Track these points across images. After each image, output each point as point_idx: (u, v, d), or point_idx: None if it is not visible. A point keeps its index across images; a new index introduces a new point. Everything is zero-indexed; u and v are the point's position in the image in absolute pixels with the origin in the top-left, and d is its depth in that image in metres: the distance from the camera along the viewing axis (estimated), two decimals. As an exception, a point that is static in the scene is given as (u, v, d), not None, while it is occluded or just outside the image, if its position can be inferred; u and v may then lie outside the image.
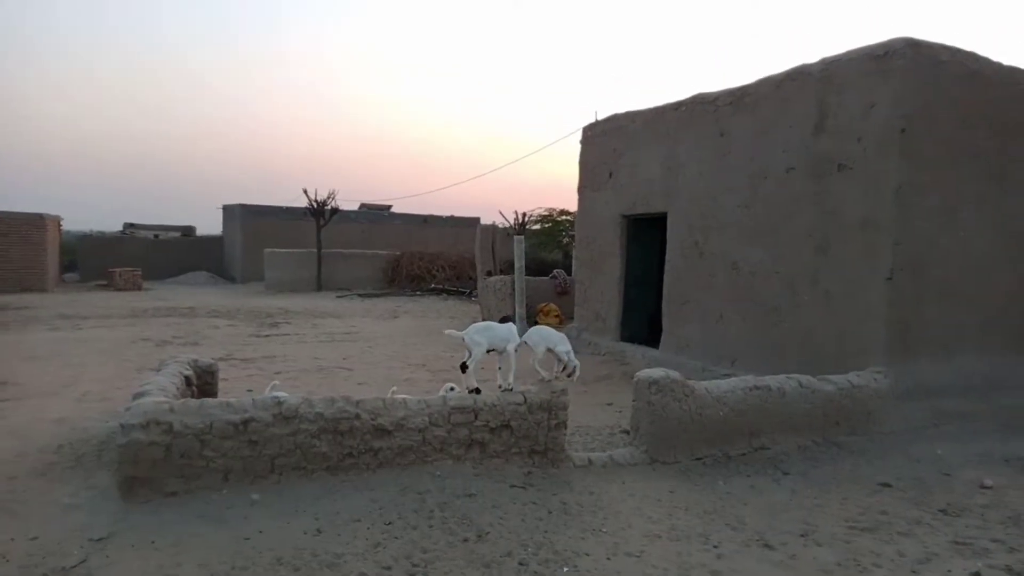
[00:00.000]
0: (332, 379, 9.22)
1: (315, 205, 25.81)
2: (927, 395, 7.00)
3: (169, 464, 4.26)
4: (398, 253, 26.97)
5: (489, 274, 16.98)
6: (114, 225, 36.26)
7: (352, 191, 53.21)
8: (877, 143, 7.03)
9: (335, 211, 26.45)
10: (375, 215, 33.59)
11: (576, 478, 5.13)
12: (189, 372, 5.82)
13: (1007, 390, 7.29)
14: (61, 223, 27.25)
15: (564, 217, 26.98)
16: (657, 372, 5.65)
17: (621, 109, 11.23)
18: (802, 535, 4.35)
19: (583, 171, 12.22)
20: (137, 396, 4.81)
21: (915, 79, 6.87)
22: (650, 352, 10.26)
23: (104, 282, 25.28)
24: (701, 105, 9.43)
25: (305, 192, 25.83)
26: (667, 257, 10.03)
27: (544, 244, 23.57)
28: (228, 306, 18.83)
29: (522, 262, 14.92)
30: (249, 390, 8.18)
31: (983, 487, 5.36)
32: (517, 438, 5.09)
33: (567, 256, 25.36)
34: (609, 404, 8.06)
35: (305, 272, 25.25)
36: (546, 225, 25.88)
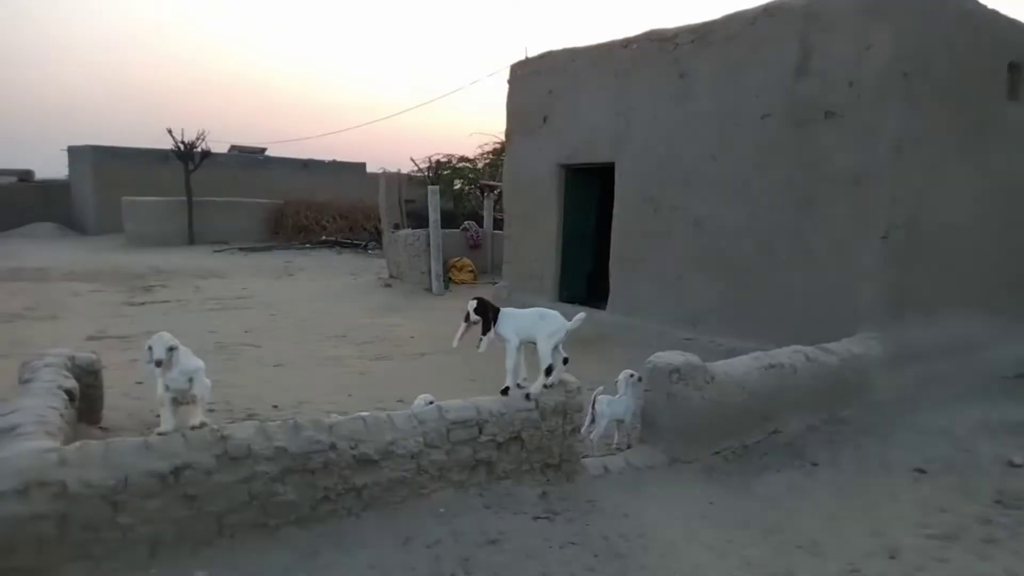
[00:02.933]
0: (239, 361, 7.73)
1: (182, 147, 22.79)
2: (914, 359, 6.62)
3: (66, 543, 2.89)
4: (282, 202, 24.56)
5: (397, 227, 15.53)
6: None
7: (221, 133, 48.26)
8: (873, 89, 6.39)
9: (206, 154, 23.52)
10: (248, 159, 30.52)
11: (599, 494, 4.21)
12: (70, 383, 4.29)
13: (981, 349, 7.10)
14: None
15: (464, 164, 25.70)
16: (676, 357, 4.78)
17: (549, 46, 10.11)
18: (891, 557, 3.69)
19: (512, 115, 11.02)
20: (1, 433, 3.32)
21: (918, 18, 6.25)
22: (596, 314, 9.43)
23: (-80, 237, 21.28)
24: (657, 43, 8.48)
25: (170, 132, 22.73)
26: (615, 211, 9.17)
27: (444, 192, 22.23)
28: (87, 265, 16.17)
29: (438, 214, 13.68)
30: (139, 382, 6.59)
31: (1013, 464, 5.01)
32: (529, 452, 4.07)
33: (457, 206, 24.23)
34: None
35: (173, 224, 22.41)
36: (444, 172, 24.47)
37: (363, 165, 33.31)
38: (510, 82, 10.99)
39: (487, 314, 3.99)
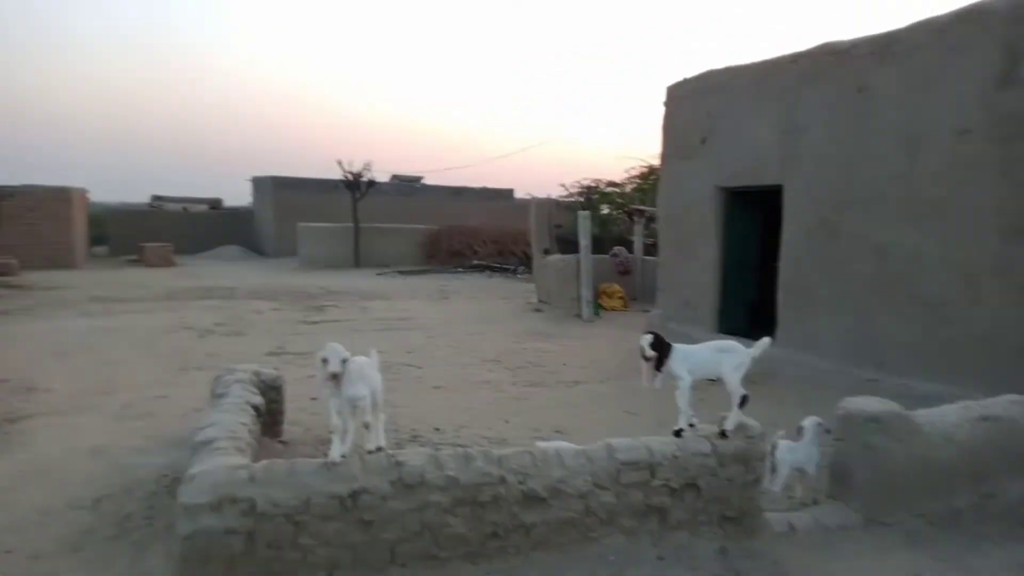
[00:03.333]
0: (403, 381, 7.97)
1: (350, 177, 24.47)
2: None
3: (252, 560, 3.02)
4: (437, 228, 25.61)
5: (547, 252, 15.60)
6: (141, 197, 35.27)
7: (382, 162, 51.65)
8: (1109, 97, 5.51)
9: (371, 183, 25.09)
10: (407, 187, 32.20)
11: (785, 556, 3.81)
12: (257, 399, 4.57)
13: None
14: (87, 196, 26.25)
15: (612, 189, 25.53)
16: (874, 404, 4.28)
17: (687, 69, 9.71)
18: None
19: (668, 137, 10.72)
20: (198, 447, 3.56)
21: None
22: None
23: (135, 257, 24.28)
24: (830, 56, 7.89)
25: (340, 164, 24.49)
26: (784, 237, 8.57)
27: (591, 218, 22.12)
28: (267, 285, 17.68)
29: (588, 240, 13.56)
30: (313, 398, 6.97)
31: None
32: (705, 501, 3.77)
33: (604, 231, 23.97)
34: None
35: (341, 248, 24.03)
36: (593, 197, 24.43)
37: (511, 191, 34.10)
38: (666, 103, 10.71)
39: (663, 350, 3.76)
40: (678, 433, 3.79)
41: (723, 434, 3.83)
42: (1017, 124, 6.11)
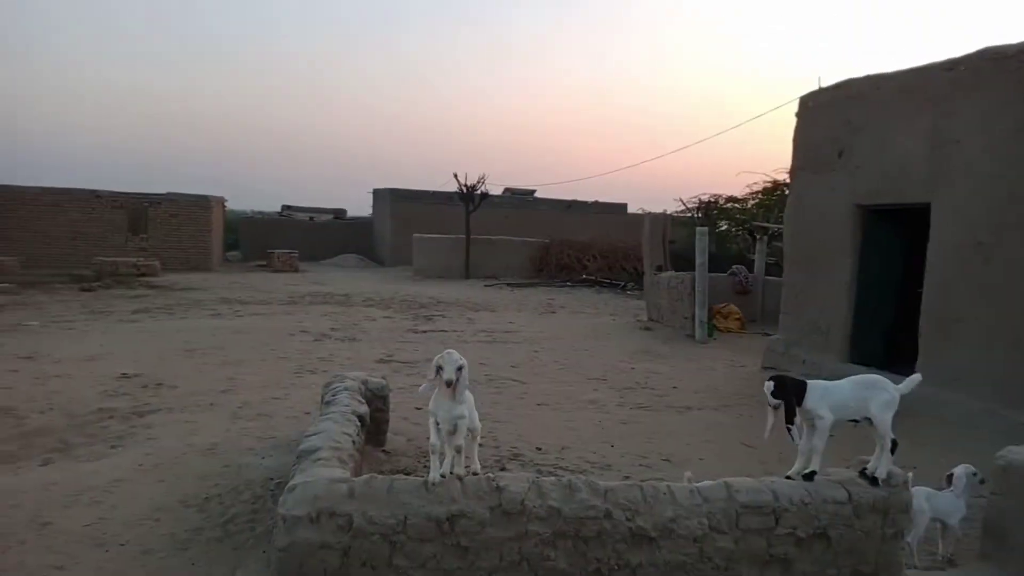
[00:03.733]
0: (505, 396, 7.86)
1: (465, 190, 24.91)
2: None
3: (346, 577, 2.93)
4: (547, 241, 25.55)
5: (660, 269, 15.10)
6: (272, 206, 37.63)
7: (496, 176, 52.52)
8: None
9: (485, 196, 25.44)
10: (519, 200, 32.43)
11: (927, 621, 3.33)
12: (363, 408, 4.55)
13: None
14: (225, 204, 28.24)
15: (732, 204, 24.55)
16: (1042, 456, 3.69)
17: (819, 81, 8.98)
18: None
19: (799, 150, 10.04)
20: (301, 456, 3.54)
21: None
22: (901, 381, 8.05)
23: (263, 263, 25.86)
24: (993, 62, 7.06)
25: (455, 177, 25.01)
26: (929, 260, 7.76)
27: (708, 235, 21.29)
28: (381, 293, 18.24)
29: (705, 257, 12.99)
30: (418, 408, 6.97)
31: None
32: (836, 554, 3.35)
33: (721, 248, 22.96)
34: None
35: (453, 259, 24.47)
36: (712, 212, 23.58)
37: (624, 206, 33.57)
38: (799, 115, 10.05)
39: (790, 396, 3.33)
40: (811, 476, 3.38)
41: (875, 481, 3.39)
42: None
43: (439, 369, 3.12)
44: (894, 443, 3.42)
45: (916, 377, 3.50)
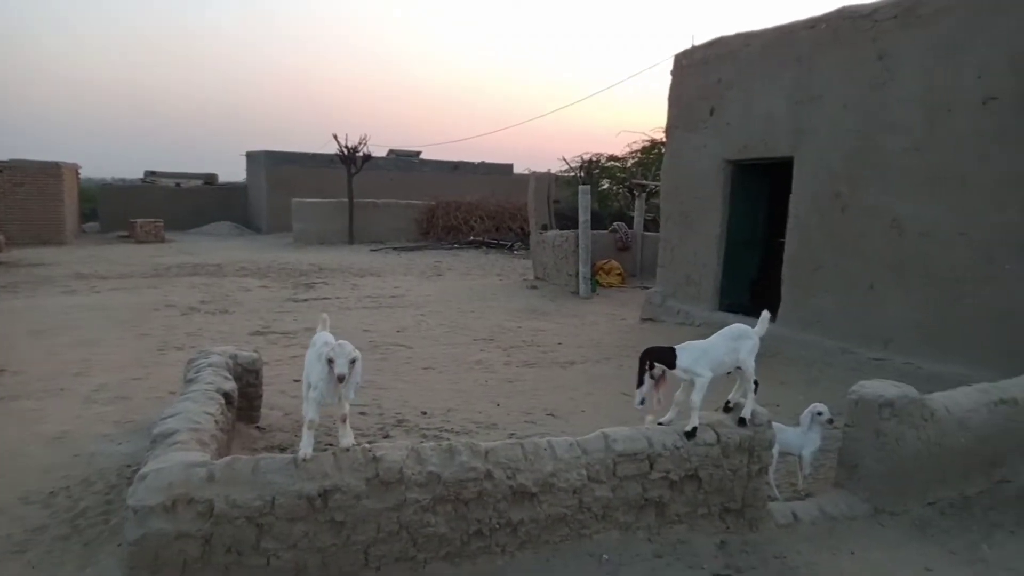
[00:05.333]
0: (390, 362, 7.67)
1: (346, 151, 23.95)
2: None
3: (209, 566, 2.72)
4: (433, 203, 25.14)
5: (545, 228, 15.23)
6: (134, 173, 34.75)
7: (380, 137, 50.74)
8: None
9: (367, 158, 24.56)
10: (404, 162, 31.62)
11: (788, 549, 3.54)
12: (229, 384, 4.26)
13: None
14: (79, 172, 25.76)
15: (613, 163, 25.08)
16: (889, 388, 3.98)
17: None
18: None
19: (674, 108, 10.30)
20: (156, 440, 3.25)
21: None
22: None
23: (125, 234, 23.90)
24: (850, 21, 7.46)
25: (335, 138, 23.92)
26: (792, 211, 8.22)
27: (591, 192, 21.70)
28: (257, 262, 17.32)
29: (587, 215, 13.19)
30: (297, 380, 6.67)
31: None
32: (707, 493, 3.48)
33: (603, 206, 23.56)
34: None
35: (336, 223, 23.60)
36: (594, 172, 24.00)
37: (511, 166, 33.57)
38: (673, 72, 10.27)
39: (644, 361, 3.40)
40: (691, 434, 3.45)
41: (742, 421, 3.54)
42: (1044, 91, 5.75)
43: (330, 362, 2.91)
44: (756, 384, 3.57)
45: (766, 315, 3.69)
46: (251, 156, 30.46)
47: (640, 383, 3.42)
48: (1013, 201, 5.98)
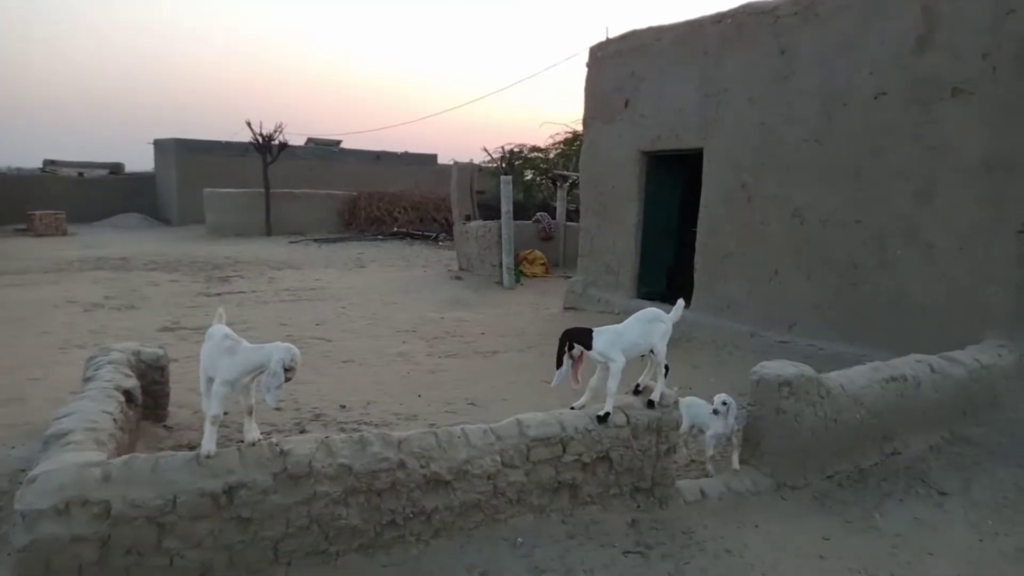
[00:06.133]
0: (309, 355, 7.48)
1: (261, 140, 23.17)
2: (1050, 371, 5.81)
3: (106, 570, 2.62)
4: (355, 194, 24.67)
5: (468, 219, 15.22)
6: (32, 162, 32.50)
7: (298, 125, 49.18)
8: (1012, 60, 5.57)
9: (283, 146, 23.82)
10: (324, 151, 30.85)
11: (696, 524, 3.70)
12: (130, 382, 4.08)
13: None
14: (-34, 160, 23.93)
15: (536, 154, 25.25)
16: (787, 368, 4.20)
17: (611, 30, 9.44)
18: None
19: (590, 100, 10.47)
20: (49, 442, 3.09)
21: (1072, -24, 5.39)
22: (680, 312, 8.84)
23: (23, 227, 22.40)
24: (754, 16, 7.76)
25: (249, 125, 23.08)
26: (703, 201, 8.52)
27: (515, 183, 21.79)
28: (167, 255, 16.57)
29: (510, 205, 13.27)
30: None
31: None
32: (618, 474, 3.60)
33: (527, 197, 23.73)
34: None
35: (252, 215, 22.81)
36: (516, 162, 24.12)
37: (434, 156, 33.32)
38: (589, 65, 10.43)
39: (563, 342, 3.53)
40: (603, 419, 3.55)
41: (651, 404, 3.66)
42: (930, 87, 6.14)
43: (288, 371, 2.84)
44: (667, 368, 3.70)
45: (680, 303, 3.80)
46: (159, 144, 29.04)
47: (560, 364, 3.51)
48: (902, 192, 6.39)
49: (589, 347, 3.49)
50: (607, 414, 3.54)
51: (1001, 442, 5.09)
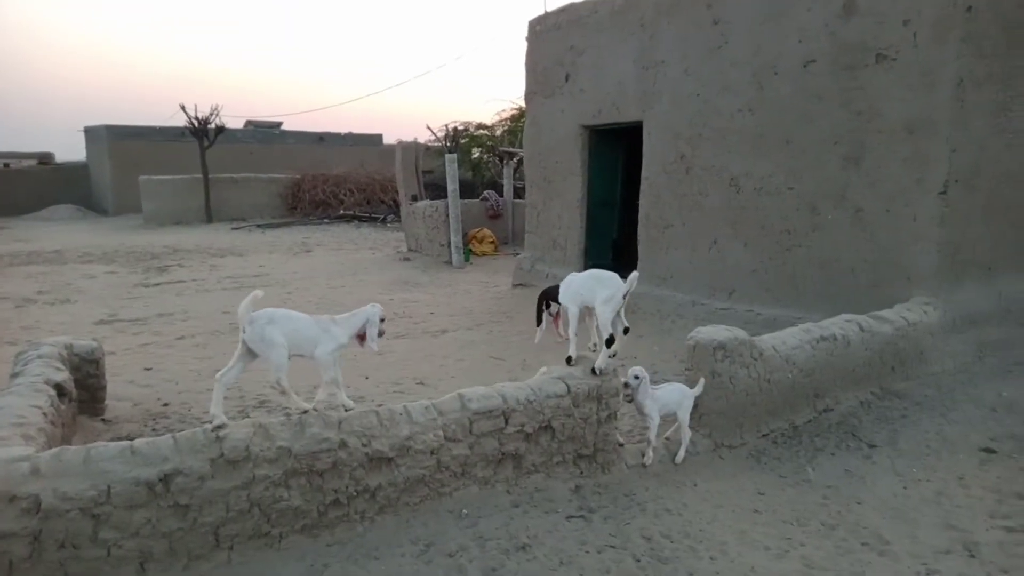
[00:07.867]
0: (254, 342, 7.39)
1: (197, 124, 22.44)
2: (971, 325, 6.12)
3: (39, 564, 2.56)
4: (298, 176, 24.16)
5: (415, 199, 15.09)
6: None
7: (236, 108, 47.64)
8: (932, 27, 5.77)
9: (220, 130, 23.13)
10: (264, 134, 30.09)
11: (637, 486, 3.81)
12: (60, 375, 3.96)
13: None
14: None
15: (482, 132, 25.11)
16: (721, 332, 4.33)
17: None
18: (970, 555, 3.25)
19: (531, 74, 10.44)
20: (-26, 440, 2.99)
21: (983, -55, 5.59)
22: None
23: (-57, 223, 21.32)
24: (686, -12, 7.84)
25: (183, 108, 22.33)
26: (644, 174, 8.63)
27: (462, 161, 21.67)
28: (103, 246, 16.00)
29: (456, 184, 13.20)
30: (148, 368, 6.31)
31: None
32: (560, 442, 3.67)
33: (475, 175, 23.67)
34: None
35: (190, 201, 22.16)
36: (462, 140, 23.94)
37: (379, 137, 32.84)
38: (529, 39, 10.39)
39: (542, 299, 3.96)
40: (569, 361, 3.83)
41: (593, 371, 3.75)
42: (856, 54, 6.31)
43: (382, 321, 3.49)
44: (627, 329, 3.79)
45: (634, 275, 3.86)
46: (90, 132, 27.89)
47: (539, 322, 3.89)
48: (832, 157, 6.58)
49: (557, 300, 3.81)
50: (570, 358, 3.83)
51: (927, 395, 5.36)
